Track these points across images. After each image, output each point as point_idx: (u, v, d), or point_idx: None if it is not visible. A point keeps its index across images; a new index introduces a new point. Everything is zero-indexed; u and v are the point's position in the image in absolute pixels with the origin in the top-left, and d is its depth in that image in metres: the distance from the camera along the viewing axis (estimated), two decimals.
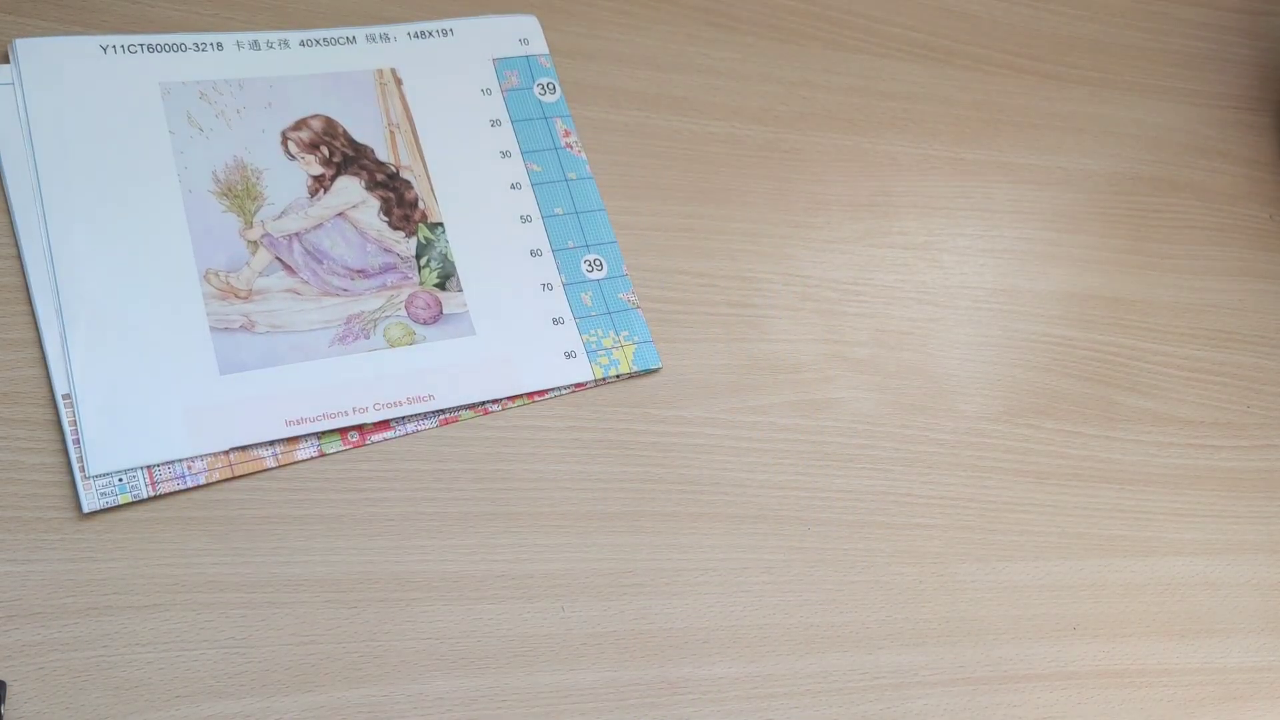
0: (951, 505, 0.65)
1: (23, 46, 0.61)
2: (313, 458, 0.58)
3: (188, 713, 0.52)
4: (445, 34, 0.69)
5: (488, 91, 0.68)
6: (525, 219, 0.66)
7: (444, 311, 0.62)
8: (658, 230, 0.68)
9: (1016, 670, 0.63)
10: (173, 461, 0.55)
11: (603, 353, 0.63)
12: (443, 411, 0.60)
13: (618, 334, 0.64)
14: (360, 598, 0.55)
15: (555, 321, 0.63)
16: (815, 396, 0.66)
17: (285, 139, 0.63)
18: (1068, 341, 0.73)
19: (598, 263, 0.66)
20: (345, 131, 0.64)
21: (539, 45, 0.70)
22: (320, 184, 0.63)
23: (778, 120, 0.73)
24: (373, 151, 0.64)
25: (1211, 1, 0.89)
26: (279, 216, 0.62)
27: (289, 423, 0.57)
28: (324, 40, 0.66)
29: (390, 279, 0.62)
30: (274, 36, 0.65)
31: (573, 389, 0.63)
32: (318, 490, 0.57)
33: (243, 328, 0.59)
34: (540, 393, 0.62)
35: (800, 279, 0.69)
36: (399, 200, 0.64)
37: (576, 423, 0.62)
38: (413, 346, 0.61)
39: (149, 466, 0.55)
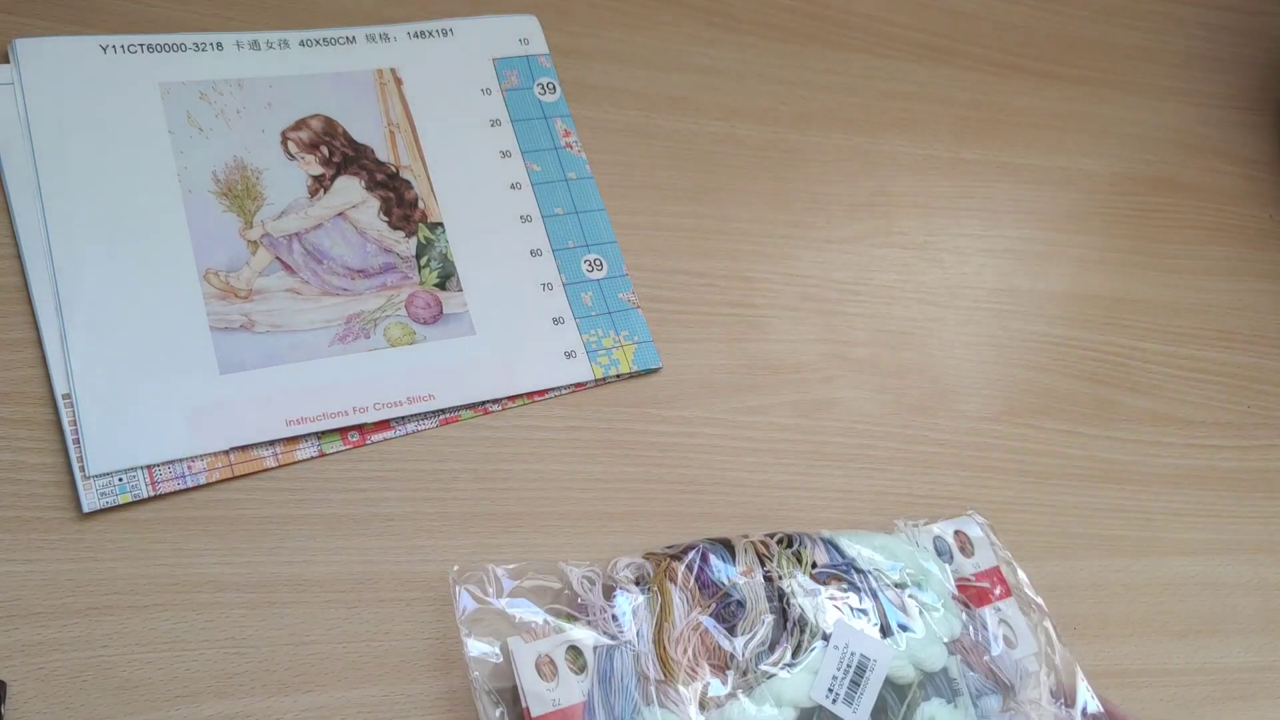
0: (951, 505, 0.65)
1: (23, 46, 0.61)
2: (313, 458, 0.58)
3: (188, 713, 0.52)
4: (445, 34, 0.69)
5: (488, 91, 0.68)
6: (525, 219, 0.66)
7: (444, 311, 0.62)
8: (658, 230, 0.68)
9: None
10: (173, 461, 0.55)
11: (603, 352, 0.63)
12: (443, 411, 0.60)
13: (618, 334, 0.64)
14: (360, 598, 0.55)
15: (555, 321, 0.63)
16: (815, 396, 0.66)
17: (285, 139, 0.63)
18: (1068, 341, 0.73)
19: (598, 262, 0.66)
20: (345, 131, 0.64)
21: (539, 45, 0.70)
22: (320, 184, 0.63)
23: (778, 120, 0.73)
24: (373, 151, 0.64)
25: (1211, 1, 0.89)
26: (279, 216, 0.62)
27: (289, 422, 0.57)
28: (324, 40, 0.66)
29: (390, 279, 0.62)
30: (274, 36, 0.65)
31: (573, 389, 0.63)
32: (318, 490, 0.57)
33: (243, 327, 0.59)
34: (540, 393, 0.62)
35: (800, 279, 0.69)
36: (399, 200, 0.64)
37: (576, 423, 0.62)
38: (413, 346, 0.61)
39: (149, 466, 0.55)
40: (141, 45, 0.63)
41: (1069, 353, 0.72)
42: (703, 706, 0.52)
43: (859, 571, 0.57)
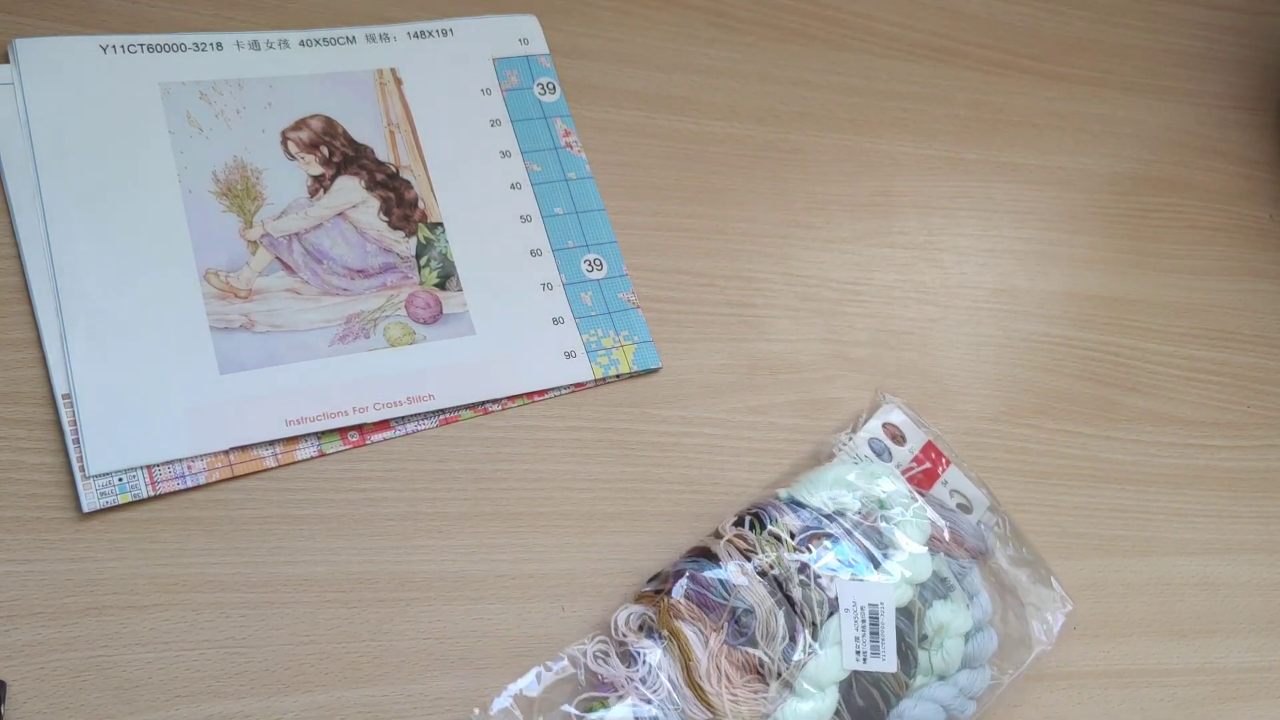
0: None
1: (23, 46, 0.61)
2: (313, 458, 0.58)
3: (188, 713, 0.52)
4: (445, 34, 0.69)
5: (488, 91, 0.68)
6: (525, 219, 0.66)
7: (444, 311, 0.62)
8: (658, 230, 0.68)
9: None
10: (173, 461, 0.55)
11: (603, 352, 0.63)
12: (443, 411, 0.60)
13: (618, 334, 0.64)
14: (360, 598, 0.55)
15: (555, 321, 0.63)
16: (815, 396, 0.66)
17: (285, 139, 0.63)
18: (1068, 341, 0.73)
19: (598, 262, 0.66)
20: (345, 131, 0.64)
21: (539, 45, 0.70)
22: (320, 184, 0.63)
23: (778, 120, 0.73)
24: (373, 151, 0.64)
25: (1211, 1, 0.89)
26: (279, 216, 0.62)
27: (289, 422, 0.57)
28: (324, 40, 0.66)
29: (390, 279, 0.62)
30: (274, 36, 0.65)
31: (573, 389, 0.63)
32: (318, 490, 0.57)
33: (243, 327, 0.59)
34: (540, 393, 0.62)
35: (800, 279, 0.69)
36: (399, 200, 0.64)
37: (576, 423, 0.62)
38: (413, 346, 0.61)
39: (149, 466, 0.55)
40: (141, 45, 0.63)
41: (1069, 353, 0.72)
42: None
43: (829, 518, 0.57)
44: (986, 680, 0.58)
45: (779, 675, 0.54)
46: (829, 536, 0.57)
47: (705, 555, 0.57)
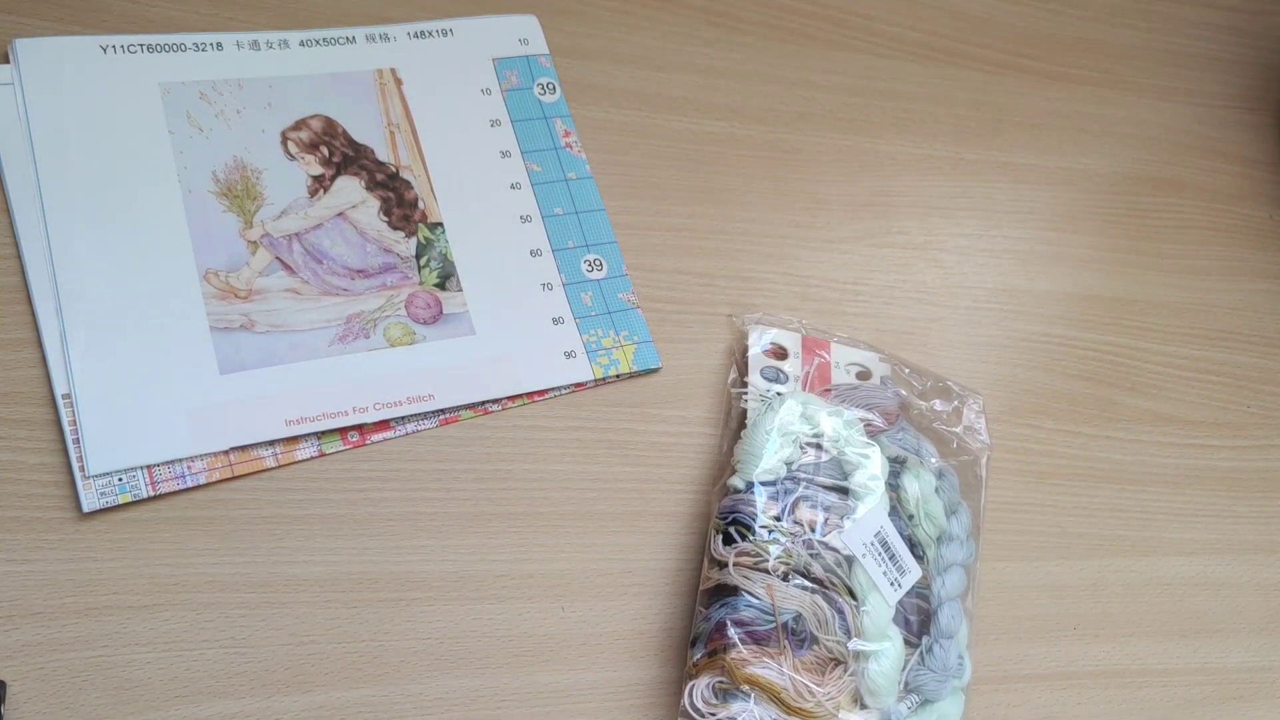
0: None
1: (23, 46, 0.61)
2: (313, 458, 0.58)
3: (188, 713, 0.52)
4: (445, 34, 0.69)
5: (487, 91, 0.68)
6: (525, 219, 0.66)
7: (444, 311, 0.62)
8: (658, 230, 0.68)
9: (1016, 670, 0.63)
10: (172, 461, 0.55)
11: (603, 352, 0.63)
12: (443, 411, 0.60)
13: (617, 334, 0.64)
14: (360, 598, 0.55)
15: (555, 321, 0.63)
16: None
17: (285, 139, 0.63)
18: (1068, 341, 0.73)
19: (598, 263, 0.66)
20: (345, 131, 0.64)
21: (539, 45, 0.70)
22: (320, 184, 0.63)
23: (778, 120, 0.73)
24: (372, 151, 0.64)
25: (1211, 1, 0.89)
26: (279, 216, 0.62)
27: (289, 422, 0.57)
28: (324, 40, 0.66)
29: (390, 279, 0.62)
30: (274, 36, 0.65)
31: (573, 389, 0.63)
32: (318, 490, 0.57)
33: (243, 327, 0.59)
34: (540, 393, 0.62)
35: (800, 279, 0.69)
36: (399, 200, 0.64)
37: (576, 423, 0.62)
38: (413, 346, 0.61)
39: (149, 466, 0.55)
40: (141, 45, 0.63)
41: (1069, 353, 0.72)
42: (856, 702, 0.54)
43: (791, 480, 0.58)
44: (968, 514, 0.60)
45: (856, 655, 0.55)
46: (804, 497, 0.57)
47: (723, 592, 0.56)
